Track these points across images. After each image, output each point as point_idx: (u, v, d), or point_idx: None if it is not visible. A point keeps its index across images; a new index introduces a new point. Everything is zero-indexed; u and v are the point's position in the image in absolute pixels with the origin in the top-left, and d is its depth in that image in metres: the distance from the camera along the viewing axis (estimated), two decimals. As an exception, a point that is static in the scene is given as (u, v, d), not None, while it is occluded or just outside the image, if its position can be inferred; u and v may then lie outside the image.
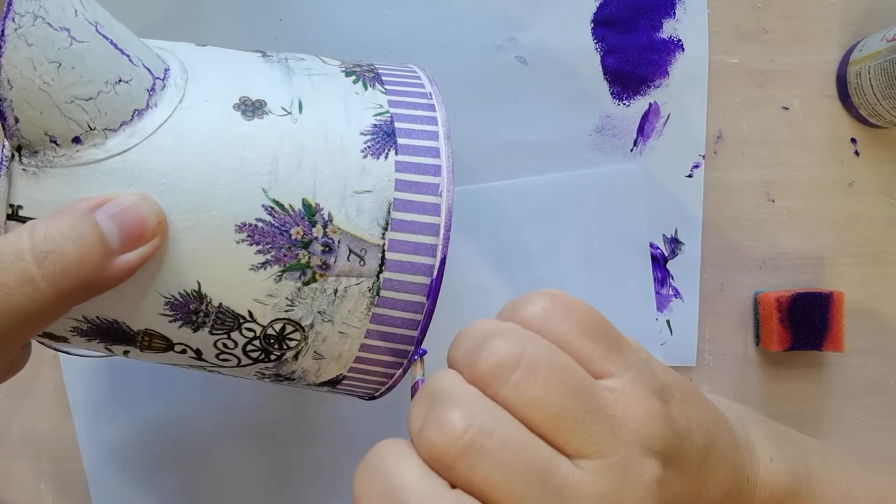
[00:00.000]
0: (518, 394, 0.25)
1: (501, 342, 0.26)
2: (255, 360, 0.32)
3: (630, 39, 0.48)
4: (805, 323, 0.48)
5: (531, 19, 0.48)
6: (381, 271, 0.31)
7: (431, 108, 0.33)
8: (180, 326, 0.31)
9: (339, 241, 0.30)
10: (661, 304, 0.49)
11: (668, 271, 0.49)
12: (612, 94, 0.48)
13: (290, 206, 0.30)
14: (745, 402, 0.50)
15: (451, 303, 0.47)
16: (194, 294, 0.30)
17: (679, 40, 0.49)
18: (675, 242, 0.49)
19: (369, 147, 0.31)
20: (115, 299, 0.29)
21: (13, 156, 0.28)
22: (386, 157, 0.31)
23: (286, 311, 0.31)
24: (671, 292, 0.49)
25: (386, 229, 0.30)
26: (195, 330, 0.31)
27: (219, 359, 0.32)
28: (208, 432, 0.48)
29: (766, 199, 0.50)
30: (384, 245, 0.31)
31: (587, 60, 0.48)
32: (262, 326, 0.31)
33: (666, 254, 0.49)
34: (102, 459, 0.47)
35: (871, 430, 0.51)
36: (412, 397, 0.30)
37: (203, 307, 0.30)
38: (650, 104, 0.49)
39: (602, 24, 0.48)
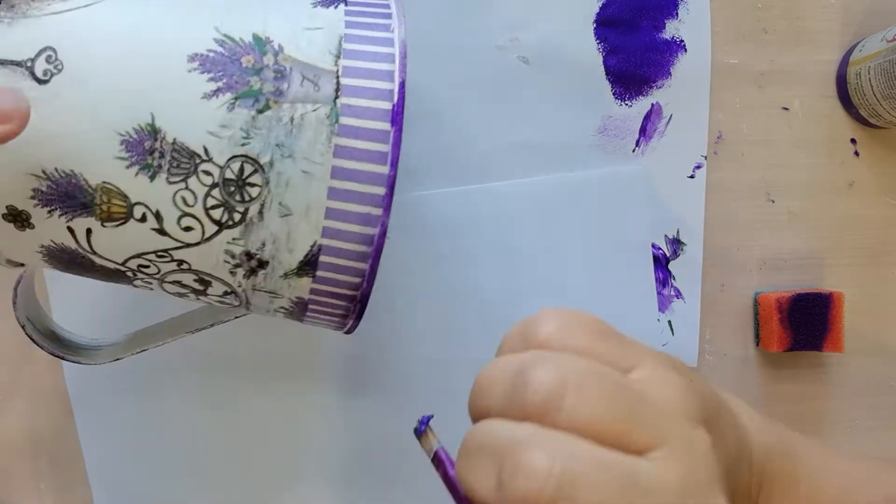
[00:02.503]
0: (577, 415, 0.25)
1: (542, 371, 0.25)
2: (220, 225, 0.31)
3: (632, 40, 0.48)
4: (805, 323, 0.48)
5: (533, 20, 0.48)
6: (337, 97, 0.31)
7: None
8: (137, 173, 0.30)
9: (290, 69, 0.31)
10: (663, 305, 0.49)
11: (669, 272, 0.49)
12: (614, 94, 0.48)
13: (241, 38, 0.31)
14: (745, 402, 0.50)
15: (452, 304, 0.47)
16: (148, 128, 0.30)
17: (681, 41, 0.49)
18: (676, 243, 0.49)
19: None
20: (73, 140, 0.30)
21: None
22: (336, 7, 0.33)
23: (242, 144, 0.30)
24: (673, 293, 0.49)
25: (338, 57, 0.31)
26: (152, 178, 0.30)
27: (181, 226, 0.31)
28: (209, 432, 0.48)
29: (767, 200, 0.50)
30: (338, 71, 0.31)
31: (589, 61, 0.48)
32: (220, 167, 0.30)
33: (668, 254, 0.49)
34: (103, 459, 0.47)
35: (871, 431, 0.51)
36: (440, 469, 0.29)
37: (158, 144, 0.30)
38: (652, 105, 0.49)
39: (604, 25, 0.48)
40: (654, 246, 0.49)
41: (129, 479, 0.47)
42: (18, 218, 0.31)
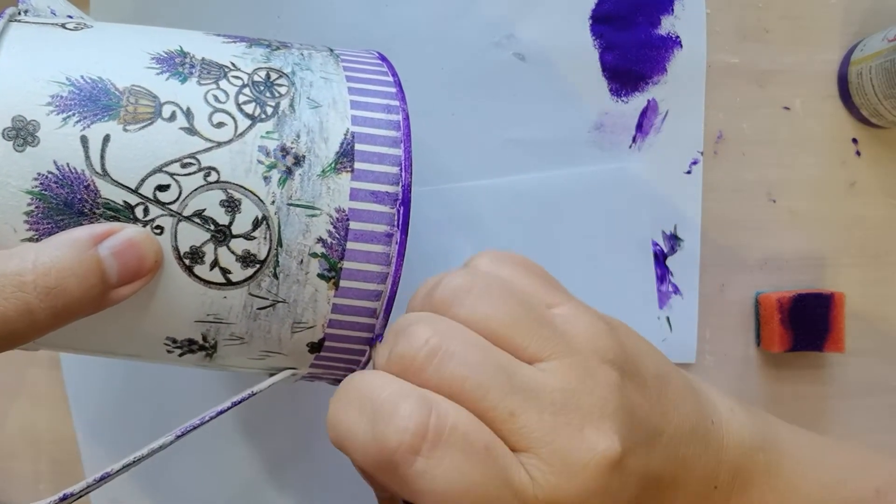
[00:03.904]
0: (474, 310, 0.27)
1: (455, 276, 0.28)
2: (253, 119, 0.31)
3: (628, 36, 0.48)
4: (806, 324, 0.48)
5: (529, 16, 0.48)
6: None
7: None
8: (168, 78, 0.30)
9: None
10: (661, 301, 0.49)
11: (667, 268, 0.49)
12: (610, 90, 0.48)
13: None
14: (745, 402, 0.50)
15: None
16: (178, 50, 0.31)
17: (677, 37, 0.48)
18: (674, 239, 0.49)
19: None
20: (104, 54, 0.31)
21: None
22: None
23: (265, 62, 0.32)
24: (671, 289, 0.49)
25: None
26: (183, 81, 0.31)
27: (213, 123, 0.30)
28: (209, 432, 0.48)
29: (767, 200, 0.50)
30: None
31: (585, 57, 0.48)
32: (248, 74, 0.32)
33: (665, 250, 0.49)
34: (102, 460, 0.47)
35: (872, 431, 0.51)
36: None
37: (188, 59, 0.31)
38: (648, 101, 0.49)
39: (600, 21, 0.48)
40: (651, 242, 0.48)
41: (129, 480, 0.47)
42: (22, 133, 0.29)
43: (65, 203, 0.29)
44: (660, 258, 0.49)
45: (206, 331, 0.31)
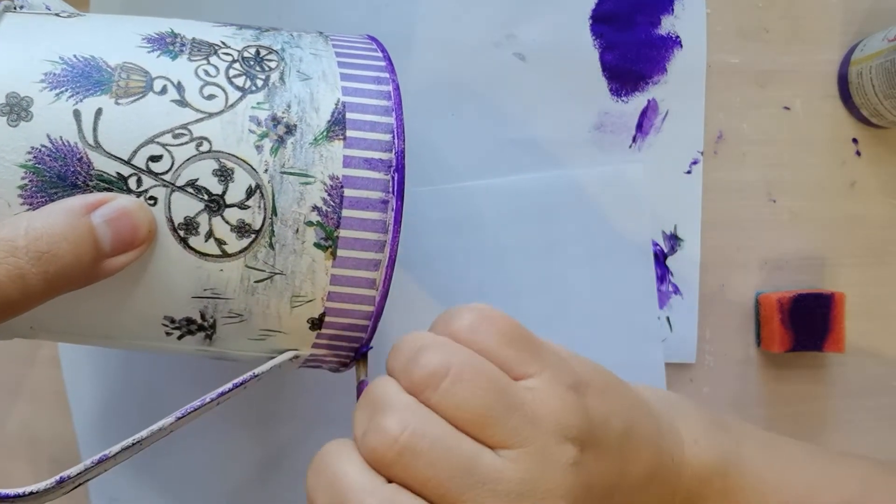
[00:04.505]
0: (447, 398, 0.28)
1: (433, 354, 0.29)
2: (244, 91, 0.31)
3: (628, 36, 0.48)
4: (806, 324, 0.48)
5: (530, 16, 0.48)
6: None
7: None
8: (159, 56, 0.31)
9: None
10: (661, 301, 0.49)
11: (667, 268, 0.49)
12: (610, 90, 0.48)
13: None
14: (746, 402, 0.50)
15: (449, 301, 0.47)
16: (169, 32, 0.32)
17: (677, 37, 0.48)
18: (674, 239, 0.49)
19: None
20: (95, 36, 0.32)
21: None
22: None
23: (255, 40, 0.33)
24: (671, 289, 0.49)
25: None
26: (174, 58, 0.31)
27: (204, 95, 0.31)
28: (208, 432, 0.48)
29: (768, 200, 0.50)
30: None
31: (586, 57, 0.48)
32: (238, 51, 0.32)
33: (665, 250, 0.49)
34: (102, 460, 0.47)
35: (872, 431, 0.51)
36: (357, 397, 0.33)
37: (178, 39, 0.32)
38: (648, 101, 0.49)
39: (601, 21, 0.48)
40: (651, 242, 0.48)
41: (128, 480, 0.47)
42: (16, 108, 0.29)
43: (58, 176, 0.29)
44: (660, 258, 0.49)
45: (204, 308, 0.31)
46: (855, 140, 0.50)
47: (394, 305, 0.47)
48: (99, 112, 0.29)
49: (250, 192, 0.30)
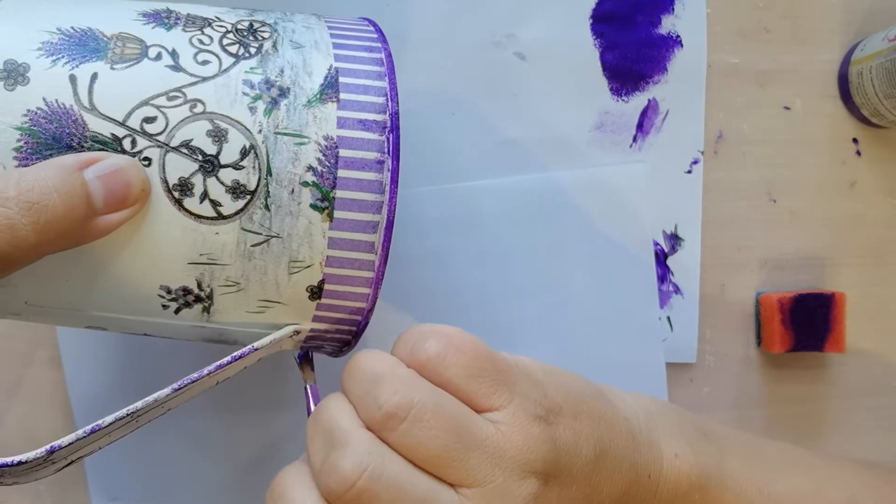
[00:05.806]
0: (406, 438, 0.28)
1: (392, 392, 0.29)
2: (237, 57, 0.31)
3: (629, 35, 0.48)
4: (807, 324, 0.48)
5: (530, 16, 0.48)
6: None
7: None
8: (154, 27, 0.31)
9: None
10: (662, 301, 0.49)
11: (668, 267, 0.49)
12: (610, 90, 0.48)
13: None
14: (746, 402, 0.50)
15: (449, 301, 0.47)
16: (164, 8, 0.33)
17: (678, 36, 0.48)
18: (674, 239, 0.49)
19: None
20: (91, 10, 0.32)
21: None
22: None
23: (248, 16, 0.34)
24: (671, 288, 0.49)
25: None
26: (168, 29, 0.32)
27: (198, 61, 0.31)
28: (209, 433, 0.48)
29: (768, 200, 0.50)
30: None
31: (586, 56, 0.48)
32: (232, 23, 0.33)
33: (666, 250, 0.49)
34: (102, 460, 0.47)
35: (873, 431, 0.51)
36: (308, 403, 0.34)
37: (173, 14, 0.32)
38: (649, 100, 0.49)
39: (601, 20, 0.48)
40: (651, 242, 0.48)
41: (128, 480, 0.47)
42: (13, 73, 0.30)
43: (53, 137, 0.29)
44: (660, 258, 0.49)
45: (201, 275, 0.31)
46: (855, 140, 0.50)
47: (394, 305, 0.47)
48: (94, 76, 0.30)
49: (245, 153, 0.30)
